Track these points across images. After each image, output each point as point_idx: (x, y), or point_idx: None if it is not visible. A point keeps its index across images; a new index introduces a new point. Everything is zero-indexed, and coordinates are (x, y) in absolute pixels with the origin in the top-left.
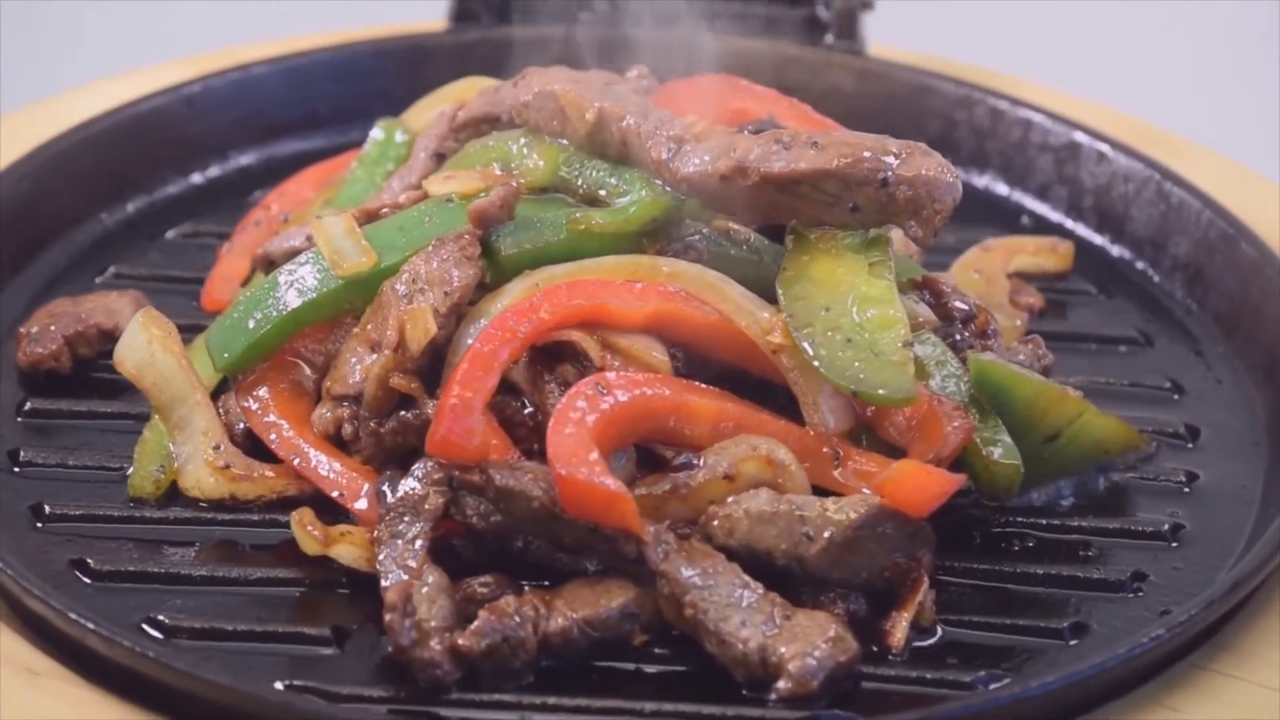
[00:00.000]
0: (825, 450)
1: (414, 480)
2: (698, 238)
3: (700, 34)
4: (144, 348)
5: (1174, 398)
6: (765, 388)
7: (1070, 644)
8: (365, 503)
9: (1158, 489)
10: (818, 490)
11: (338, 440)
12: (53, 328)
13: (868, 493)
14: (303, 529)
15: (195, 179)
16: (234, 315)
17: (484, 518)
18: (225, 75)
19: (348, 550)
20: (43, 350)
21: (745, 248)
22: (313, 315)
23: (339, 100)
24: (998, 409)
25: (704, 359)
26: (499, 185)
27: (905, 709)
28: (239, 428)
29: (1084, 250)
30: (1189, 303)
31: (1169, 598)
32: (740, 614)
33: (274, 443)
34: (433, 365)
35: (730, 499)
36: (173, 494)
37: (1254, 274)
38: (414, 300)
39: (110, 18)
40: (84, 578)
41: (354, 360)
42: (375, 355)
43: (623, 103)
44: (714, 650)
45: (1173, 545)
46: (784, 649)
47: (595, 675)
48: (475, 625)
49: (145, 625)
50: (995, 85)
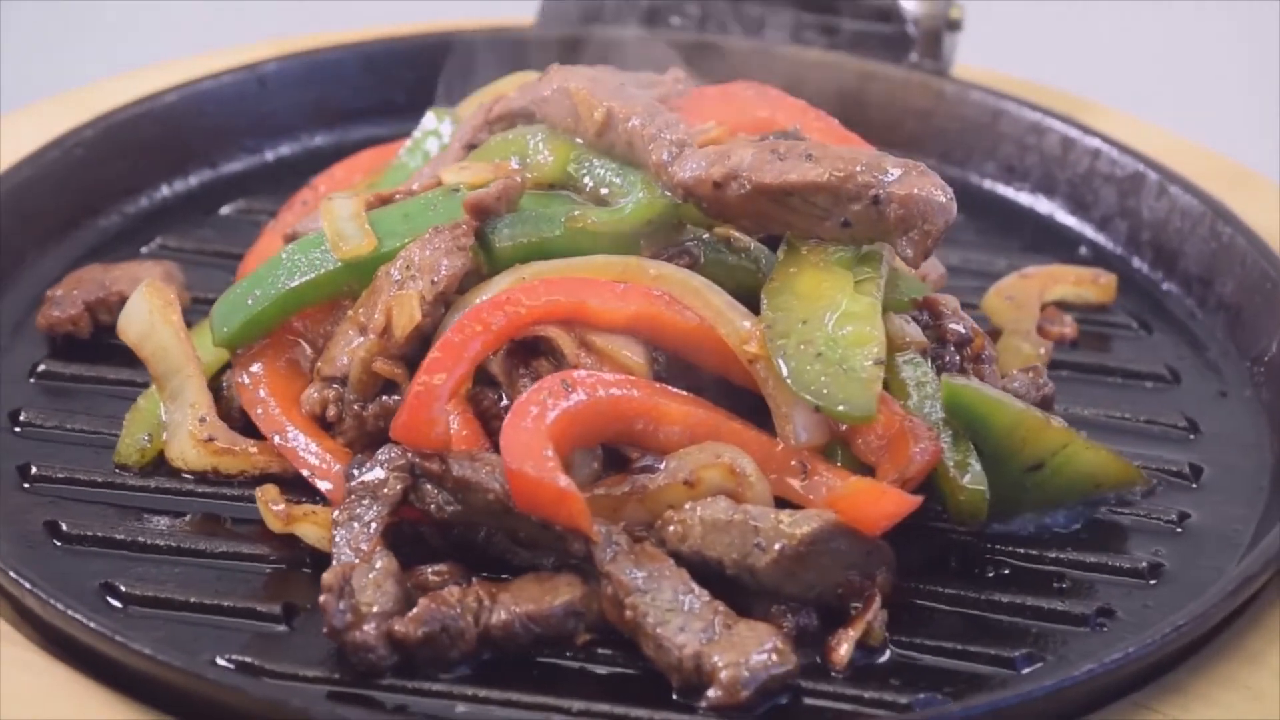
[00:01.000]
0: (794, 463)
1: (378, 465)
2: (695, 243)
3: (782, 44)
4: (145, 317)
5: (1189, 437)
6: (749, 397)
7: (1022, 673)
8: (329, 484)
9: (1148, 526)
10: (785, 503)
11: (325, 422)
12: (75, 292)
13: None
14: (266, 506)
15: (267, 156)
16: (238, 290)
17: (442, 507)
18: (301, 56)
19: (311, 530)
20: (60, 314)
21: (744, 256)
22: (311, 295)
23: (415, 89)
24: (973, 434)
25: (688, 364)
26: (501, 178)
27: None
28: (238, 403)
29: (1134, 284)
30: (1227, 343)
31: (1133, 635)
32: (680, 619)
33: (259, 418)
34: (420, 352)
35: (688, 505)
36: (160, 464)
37: None
38: (405, 286)
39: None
40: (54, 540)
41: (344, 343)
42: (363, 338)
43: (632, 103)
44: (651, 654)
45: (1150, 583)
46: (718, 657)
47: (536, 671)
48: (414, 612)
49: (104, 591)
50: (1071, 111)
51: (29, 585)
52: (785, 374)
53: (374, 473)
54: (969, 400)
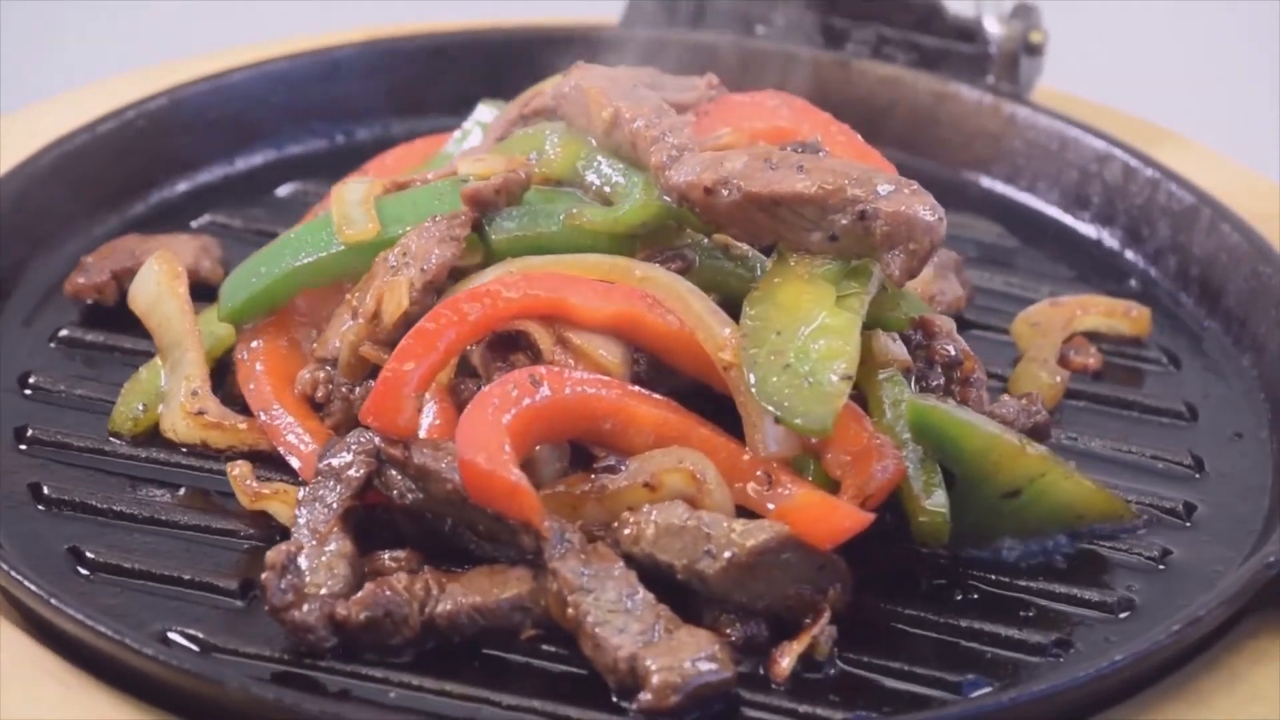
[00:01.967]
0: (759, 474)
1: (346, 448)
2: (691, 248)
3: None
4: (153, 289)
5: (1193, 476)
6: (729, 404)
7: (967, 697)
8: (299, 462)
9: (1129, 562)
10: (750, 514)
11: (316, 403)
12: (105, 261)
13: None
14: (237, 481)
15: (337, 140)
16: (247, 267)
17: (404, 495)
18: (372, 44)
19: (281, 508)
20: (85, 281)
21: (741, 264)
22: (314, 276)
23: (492, 83)
24: (944, 456)
25: (670, 368)
26: (505, 171)
27: None
28: None
29: (1178, 320)
30: (1254, 384)
31: (1087, 667)
32: (621, 620)
33: (250, 393)
34: None
35: (645, 508)
36: (155, 436)
37: None
38: (399, 273)
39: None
40: (35, 502)
41: (339, 326)
42: (353, 322)
43: (639, 105)
44: (590, 654)
45: (1119, 617)
46: (651, 661)
47: (479, 663)
48: (358, 595)
49: (71, 556)
50: (1148, 140)
51: None
52: (751, 383)
53: (341, 456)
54: (938, 421)
